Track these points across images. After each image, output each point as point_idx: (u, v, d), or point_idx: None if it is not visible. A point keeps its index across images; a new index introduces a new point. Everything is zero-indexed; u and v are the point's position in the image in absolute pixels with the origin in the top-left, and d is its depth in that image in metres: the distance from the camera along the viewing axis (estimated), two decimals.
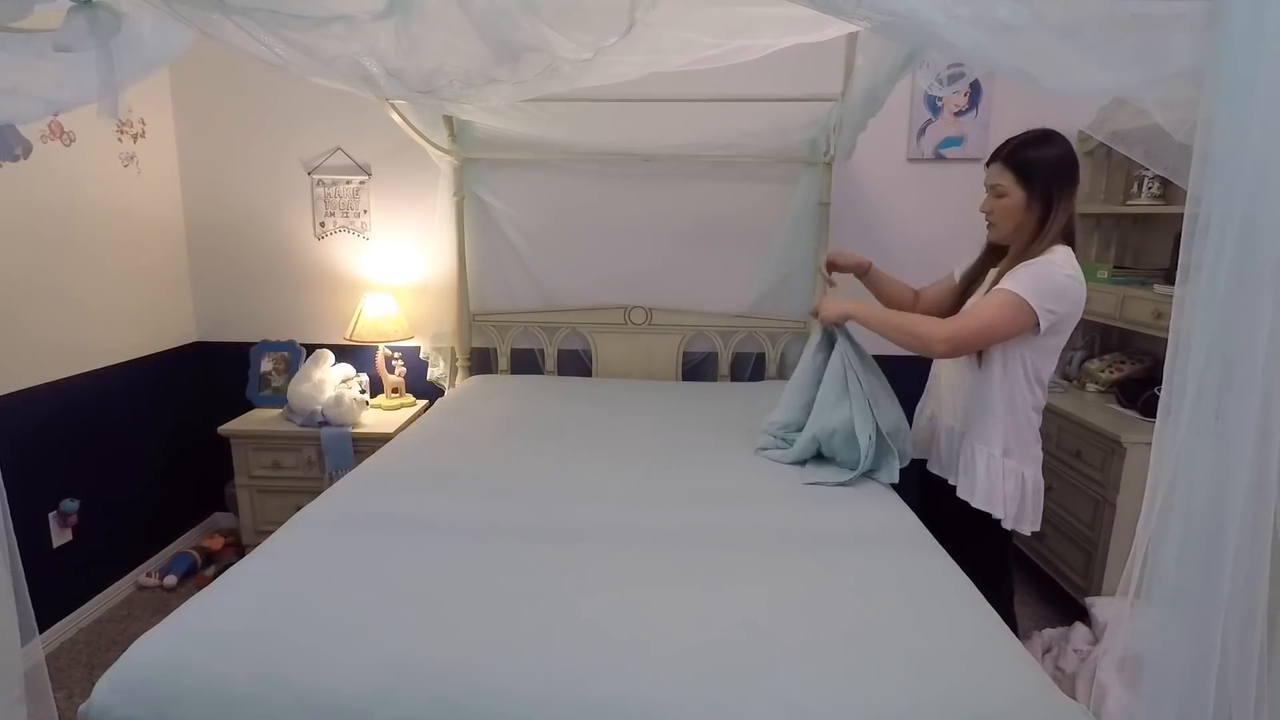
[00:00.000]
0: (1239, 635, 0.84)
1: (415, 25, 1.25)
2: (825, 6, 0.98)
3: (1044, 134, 1.72)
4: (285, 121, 3.01)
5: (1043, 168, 1.67)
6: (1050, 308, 1.62)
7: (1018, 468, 1.74)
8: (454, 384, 3.12)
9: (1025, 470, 1.74)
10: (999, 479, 1.74)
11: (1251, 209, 0.79)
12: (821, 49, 1.69)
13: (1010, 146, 1.72)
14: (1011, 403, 1.73)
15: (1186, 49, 0.85)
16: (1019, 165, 1.69)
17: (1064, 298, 1.63)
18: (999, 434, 1.74)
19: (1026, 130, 1.74)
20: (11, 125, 1.46)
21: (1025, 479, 1.74)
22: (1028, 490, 1.75)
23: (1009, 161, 1.71)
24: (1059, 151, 1.68)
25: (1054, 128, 1.73)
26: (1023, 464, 1.74)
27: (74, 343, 2.53)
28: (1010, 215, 1.72)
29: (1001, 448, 1.74)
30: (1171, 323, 0.86)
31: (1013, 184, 1.70)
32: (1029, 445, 1.76)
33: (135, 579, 2.82)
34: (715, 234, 3.03)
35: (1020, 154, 1.70)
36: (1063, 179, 1.67)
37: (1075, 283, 1.64)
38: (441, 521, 1.64)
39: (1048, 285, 1.63)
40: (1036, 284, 1.63)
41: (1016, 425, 1.74)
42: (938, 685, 1.12)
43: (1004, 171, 1.72)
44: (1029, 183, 1.68)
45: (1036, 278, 1.64)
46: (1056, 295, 1.63)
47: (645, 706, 1.08)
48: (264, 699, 1.10)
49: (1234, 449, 0.82)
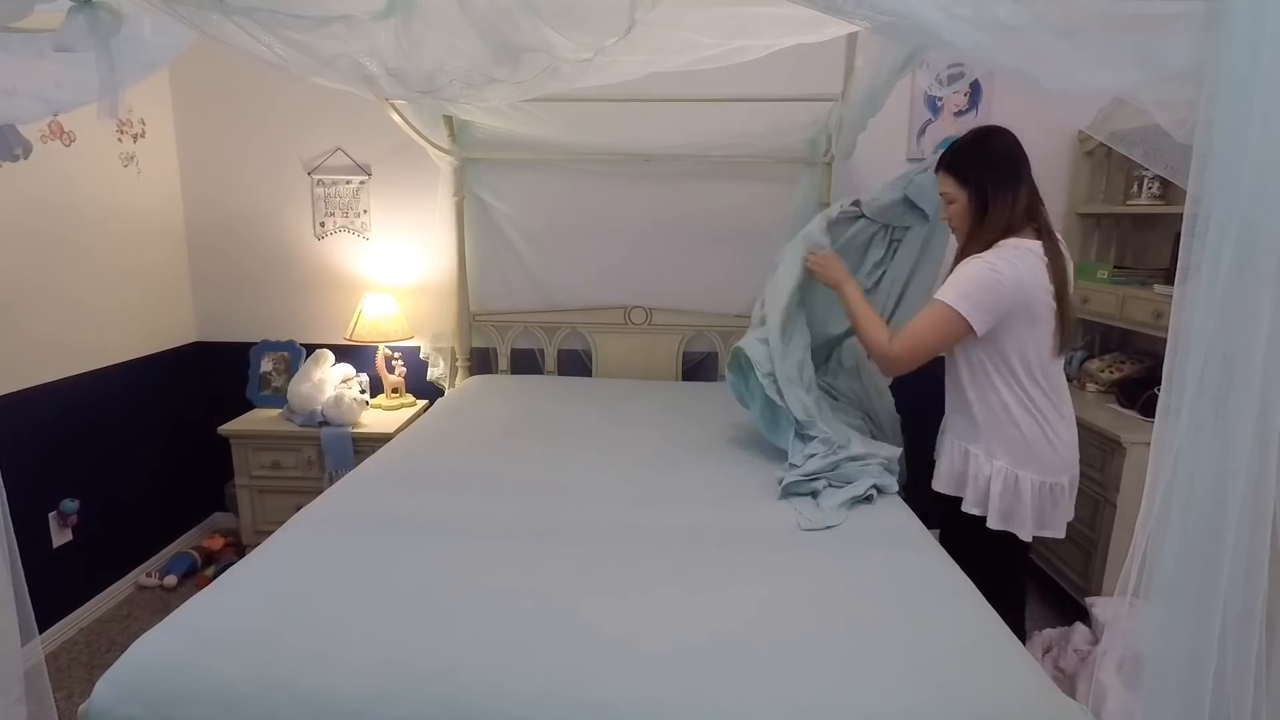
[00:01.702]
0: (1237, 634, 0.84)
1: (415, 25, 1.25)
2: (825, 6, 0.98)
3: (979, 132, 1.77)
4: (285, 121, 3.01)
5: (974, 165, 1.71)
6: (980, 310, 1.63)
7: (1008, 469, 1.71)
8: (454, 384, 3.12)
9: (1024, 474, 1.70)
10: (975, 472, 1.75)
11: (1251, 209, 0.79)
12: (821, 49, 1.69)
13: (950, 152, 1.76)
14: (986, 402, 1.73)
15: (1186, 49, 0.85)
16: (956, 168, 1.74)
17: (996, 292, 1.63)
18: (979, 433, 1.75)
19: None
20: (11, 125, 1.46)
21: (1023, 481, 1.71)
22: (1025, 492, 1.70)
23: (948, 167, 1.75)
24: (991, 146, 1.71)
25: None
26: (1018, 467, 1.71)
27: (74, 343, 2.53)
28: (962, 218, 1.75)
29: (983, 447, 1.75)
30: (1170, 322, 0.86)
31: (955, 188, 1.74)
32: (1030, 448, 1.70)
33: (135, 579, 2.81)
34: (715, 234, 3.03)
35: (955, 158, 1.75)
36: (995, 172, 1.68)
37: (1005, 275, 1.62)
38: (441, 521, 1.64)
39: (973, 285, 1.64)
40: (963, 287, 1.65)
41: (998, 424, 1.72)
42: (937, 685, 1.13)
43: (946, 178, 1.76)
44: (966, 183, 1.72)
45: (965, 280, 1.66)
46: (984, 292, 1.63)
47: (644, 706, 1.08)
48: (264, 699, 1.10)
49: (1233, 448, 0.82)
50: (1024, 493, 1.71)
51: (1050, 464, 1.72)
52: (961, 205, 1.73)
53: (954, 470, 1.81)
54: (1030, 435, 1.71)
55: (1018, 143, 1.71)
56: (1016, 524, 1.73)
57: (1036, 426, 1.71)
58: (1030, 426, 1.71)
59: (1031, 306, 1.65)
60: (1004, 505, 1.73)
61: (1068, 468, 1.74)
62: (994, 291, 1.63)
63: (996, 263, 1.63)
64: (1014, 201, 1.67)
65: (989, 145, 1.72)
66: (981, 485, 1.75)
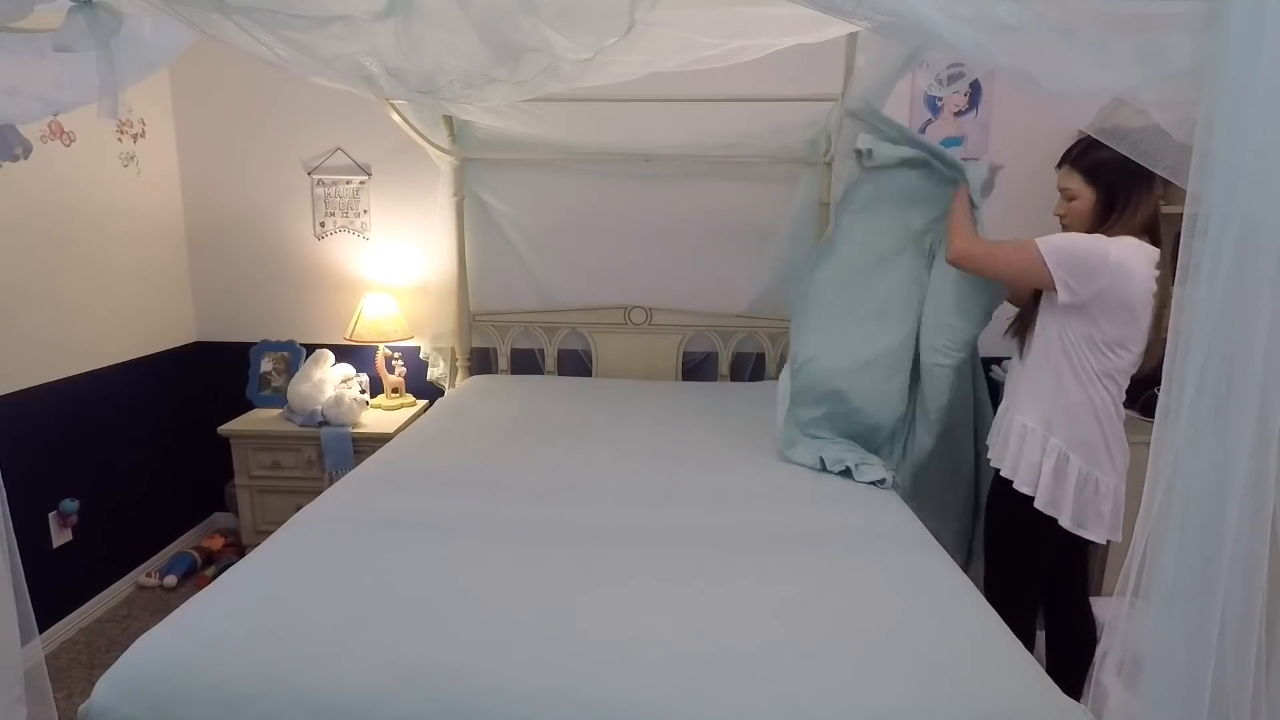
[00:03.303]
0: (1236, 634, 0.84)
1: (415, 25, 1.25)
2: (825, 6, 0.98)
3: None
4: (285, 121, 3.01)
5: (1111, 166, 1.62)
6: (1068, 274, 1.58)
7: (1061, 447, 1.66)
8: (454, 384, 3.12)
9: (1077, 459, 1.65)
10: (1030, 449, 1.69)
11: (1250, 209, 0.79)
12: (821, 49, 1.69)
13: (1079, 148, 1.69)
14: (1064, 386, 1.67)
15: (1186, 49, 0.85)
16: (1087, 167, 1.66)
17: (1090, 270, 1.57)
18: (1038, 405, 1.70)
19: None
20: (11, 125, 1.46)
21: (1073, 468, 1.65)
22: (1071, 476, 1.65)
23: (1077, 164, 1.68)
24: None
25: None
26: (1073, 450, 1.66)
27: (74, 343, 2.53)
28: (1082, 217, 1.69)
29: (1042, 421, 1.69)
30: (1170, 322, 0.86)
31: (1081, 185, 1.67)
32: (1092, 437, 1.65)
33: (135, 579, 2.82)
34: (715, 234, 3.02)
35: (1088, 155, 1.66)
36: (1131, 175, 1.60)
37: (1109, 259, 1.56)
38: (441, 522, 1.64)
39: (1070, 252, 1.60)
40: (1059, 245, 1.61)
41: (1068, 406, 1.67)
42: (938, 685, 1.13)
43: (1072, 174, 1.69)
44: (1097, 183, 1.65)
45: (1065, 241, 1.61)
46: (1077, 264, 1.58)
47: (645, 707, 1.08)
48: (264, 699, 1.10)
49: (1232, 448, 0.82)
50: (1072, 478, 1.66)
51: (1109, 463, 1.68)
52: (1084, 204, 1.67)
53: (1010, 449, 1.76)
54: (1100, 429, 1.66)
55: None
56: (1061, 511, 1.67)
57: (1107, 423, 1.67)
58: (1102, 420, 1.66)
59: (1132, 305, 1.59)
60: (1058, 488, 1.67)
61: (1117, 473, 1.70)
62: (1091, 270, 1.57)
63: (1110, 243, 1.58)
64: (1141, 207, 1.62)
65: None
66: (1023, 452, 1.71)
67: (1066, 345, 1.67)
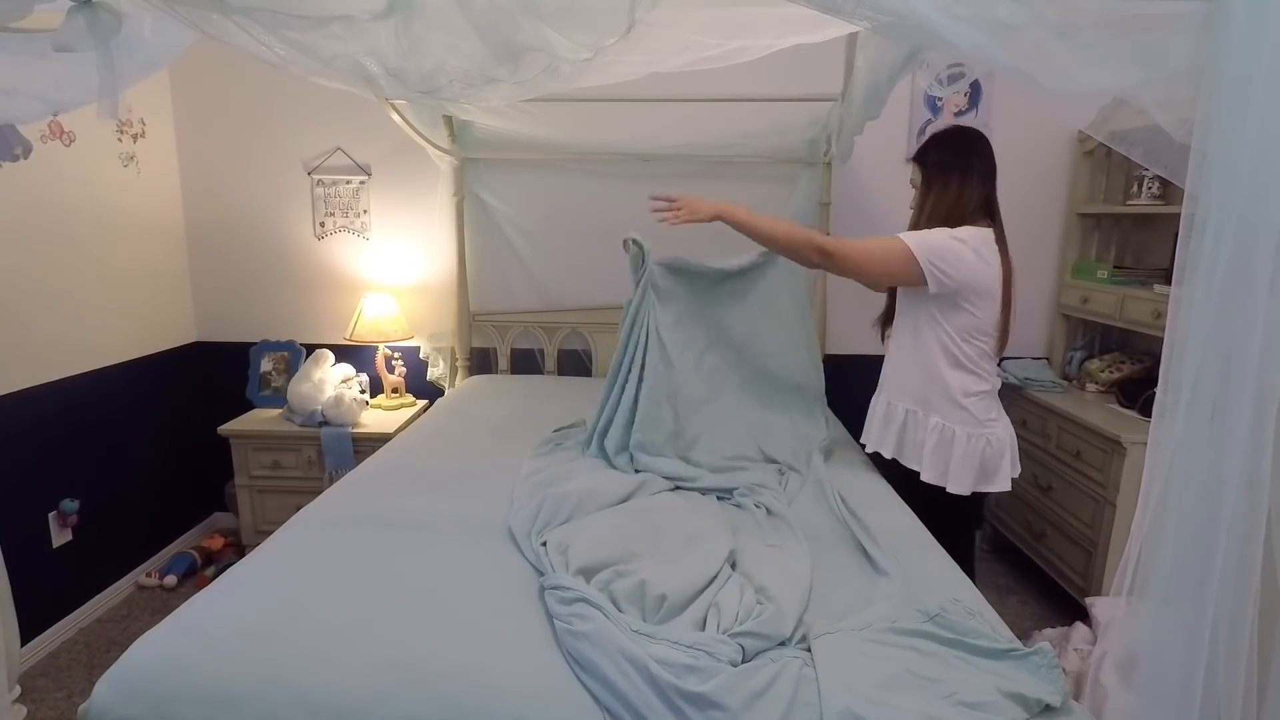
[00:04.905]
0: (1228, 633, 0.84)
1: (415, 25, 1.25)
2: (825, 6, 0.98)
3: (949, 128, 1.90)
4: (285, 121, 3.02)
5: (931, 146, 1.84)
6: (938, 264, 1.69)
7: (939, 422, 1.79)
8: (454, 384, 3.12)
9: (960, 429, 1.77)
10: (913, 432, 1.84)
11: (1249, 209, 0.79)
12: (821, 49, 1.69)
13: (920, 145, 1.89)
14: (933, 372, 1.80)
15: (1186, 49, 0.85)
16: (918, 158, 1.87)
17: (954, 259, 1.69)
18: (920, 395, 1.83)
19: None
20: (11, 125, 1.46)
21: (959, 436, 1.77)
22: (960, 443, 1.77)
23: (915, 158, 1.89)
24: (950, 135, 1.84)
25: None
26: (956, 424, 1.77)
27: (74, 343, 2.53)
28: (919, 199, 1.87)
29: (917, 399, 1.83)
30: (1168, 322, 0.86)
31: (915, 170, 1.87)
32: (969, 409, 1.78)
33: (135, 579, 2.81)
34: (715, 234, 3.01)
35: (921, 149, 1.88)
36: (944, 163, 1.79)
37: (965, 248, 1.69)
38: (441, 521, 1.64)
39: (933, 242, 1.71)
40: (922, 239, 1.73)
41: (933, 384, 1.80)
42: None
43: (913, 164, 1.89)
44: (923, 163, 1.84)
45: (929, 236, 1.73)
46: (943, 253, 1.69)
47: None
48: (264, 699, 1.10)
49: (1228, 448, 0.82)
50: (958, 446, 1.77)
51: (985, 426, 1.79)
52: (917, 185, 1.86)
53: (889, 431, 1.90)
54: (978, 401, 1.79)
55: (982, 142, 1.80)
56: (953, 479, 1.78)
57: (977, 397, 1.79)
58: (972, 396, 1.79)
59: (988, 284, 1.73)
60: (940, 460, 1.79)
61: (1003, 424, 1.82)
62: (955, 260, 1.69)
63: (958, 234, 1.72)
64: (961, 186, 1.76)
65: (949, 134, 1.85)
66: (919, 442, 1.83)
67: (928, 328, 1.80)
